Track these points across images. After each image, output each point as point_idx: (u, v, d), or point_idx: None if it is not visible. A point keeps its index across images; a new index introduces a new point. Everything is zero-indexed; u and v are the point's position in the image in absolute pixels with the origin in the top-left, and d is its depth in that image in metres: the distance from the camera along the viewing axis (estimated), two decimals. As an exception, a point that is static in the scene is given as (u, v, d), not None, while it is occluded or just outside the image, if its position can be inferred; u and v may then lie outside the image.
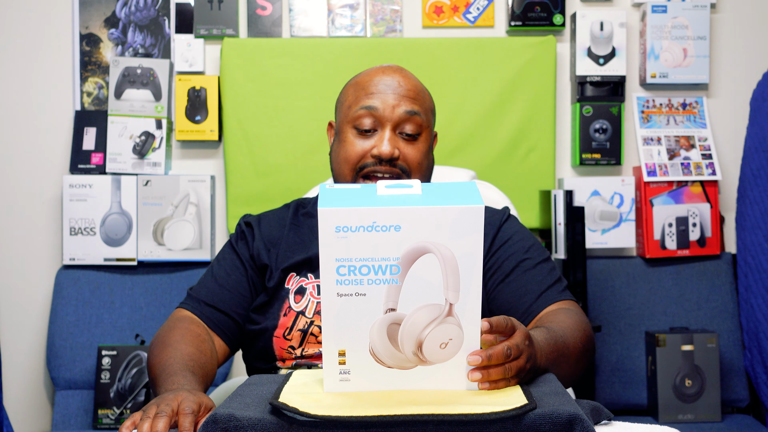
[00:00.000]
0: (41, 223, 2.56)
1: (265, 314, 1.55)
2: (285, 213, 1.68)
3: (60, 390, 2.45)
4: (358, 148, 1.58)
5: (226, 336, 1.56)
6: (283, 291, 1.56)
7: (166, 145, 2.52)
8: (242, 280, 1.59)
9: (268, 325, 1.53)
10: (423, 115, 1.59)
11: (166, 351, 1.41)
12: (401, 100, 1.57)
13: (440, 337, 1.06)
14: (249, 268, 1.60)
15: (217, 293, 1.57)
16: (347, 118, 1.60)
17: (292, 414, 1.00)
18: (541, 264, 1.55)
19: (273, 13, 2.57)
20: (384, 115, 1.57)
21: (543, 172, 2.55)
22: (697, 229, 2.55)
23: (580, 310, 1.50)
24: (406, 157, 1.58)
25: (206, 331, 1.53)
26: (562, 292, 1.51)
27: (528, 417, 0.99)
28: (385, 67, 1.64)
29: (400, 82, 1.59)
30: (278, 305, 1.55)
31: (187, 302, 1.58)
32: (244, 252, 1.62)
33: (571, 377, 1.35)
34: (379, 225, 1.03)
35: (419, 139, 1.59)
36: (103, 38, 2.56)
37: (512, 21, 2.56)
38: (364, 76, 1.63)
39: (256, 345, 1.55)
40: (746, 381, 2.50)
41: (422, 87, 1.63)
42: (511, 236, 1.59)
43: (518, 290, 1.51)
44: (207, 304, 1.56)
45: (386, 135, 1.56)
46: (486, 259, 1.56)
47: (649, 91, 2.63)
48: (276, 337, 1.52)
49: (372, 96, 1.58)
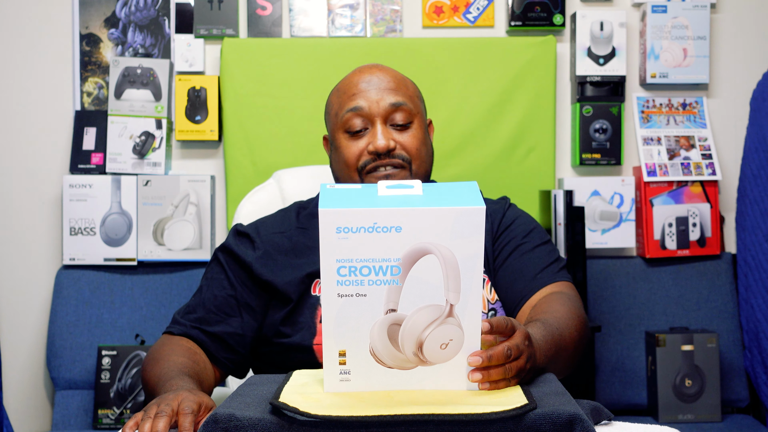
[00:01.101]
0: (41, 223, 2.56)
1: (296, 325, 1.51)
2: (286, 217, 1.65)
3: (60, 390, 2.45)
4: (354, 150, 1.58)
5: (217, 360, 1.52)
6: (311, 298, 1.52)
7: (166, 145, 2.52)
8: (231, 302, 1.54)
9: (305, 335, 1.49)
10: (409, 103, 1.60)
11: (159, 364, 1.39)
12: (383, 93, 1.58)
13: (441, 337, 1.06)
14: (239, 284, 1.55)
15: (204, 318, 1.52)
16: (337, 125, 1.61)
17: (292, 414, 1.00)
18: (540, 247, 1.56)
19: (273, 13, 2.57)
20: (371, 112, 1.57)
21: (543, 172, 2.55)
22: (697, 229, 2.55)
23: (574, 291, 1.51)
24: (403, 146, 1.58)
25: (198, 348, 1.50)
26: (557, 273, 1.53)
27: (528, 417, 0.99)
28: (362, 67, 1.65)
29: (380, 77, 1.60)
30: (310, 313, 1.51)
31: (173, 327, 1.53)
32: (234, 267, 1.57)
33: (568, 368, 1.36)
34: (379, 226, 1.03)
35: (412, 126, 1.60)
36: (103, 38, 2.56)
37: (512, 21, 2.56)
38: (344, 81, 1.64)
39: (295, 357, 1.49)
40: (746, 381, 2.50)
41: (402, 77, 1.64)
42: (513, 221, 1.61)
43: (514, 273, 1.53)
44: (195, 328, 1.51)
45: (378, 129, 1.57)
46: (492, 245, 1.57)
47: (649, 91, 2.63)
48: (317, 345, 1.48)
49: (355, 97, 1.59)
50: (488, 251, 1.57)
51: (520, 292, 1.50)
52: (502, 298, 1.54)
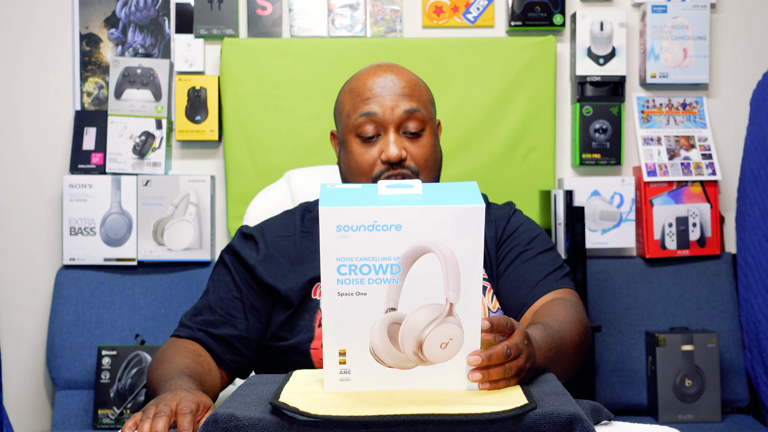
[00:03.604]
0: (41, 223, 2.56)
1: (295, 328, 1.51)
2: (291, 220, 1.64)
3: (60, 390, 2.45)
4: (367, 157, 1.56)
5: (223, 362, 1.52)
6: (311, 302, 1.52)
7: (166, 145, 2.52)
8: (237, 304, 1.54)
9: (303, 338, 1.49)
10: (423, 110, 1.57)
11: (163, 365, 1.40)
12: (398, 100, 1.56)
13: (440, 336, 1.06)
14: (245, 287, 1.55)
15: (210, 321, 1.52)
16: (348, 128, 1.58)
17: (292, 414, 1.00)
18: (543, 254, 1.55)
19: (273, 13, 2.57)
20: (384, 119, 1.55)
21: (543, 172, 2.55)
22: (697, 229, 2.55)
23: (576, 299, 1.50)
24: (413, 156, 1.56)
25: (204, 351, 1.50)
26: (559, 280, 1.52)
27: (528, 417, 0.99)
28: (376, 67, 1.61)
29: (394, 81, 1.57)
30: (309, 317, 1.51)
31: (181, 330, 1.53)
32: (240, 269, 1.57)
33: (569, 371, 1.35)
34: (380, 224, 1.03)
35: (423, 134, 1.58)
36: (103, 38, 2.56)
37: (512, 21, 2.56)
38: (357, 80, 1.61)
39: (290, 360, 1.50)
40: (746, 381, 2.50)
41: (416, 80, 1.61)
42: (518, 227, 1.60)
43: (517, 280, 1.52)
44: (201, 330, 1.52)
45: (390, 138, 1.55)
46: (495, 252, 1.57)
47: (649, 91, 2.63)
48: (314, 349, 1.48)
49: (368, 101, 1.56)
50: (491, 257, 1.56)
51: (522, 298, 1.50)
52: (504, 304, 1.53)
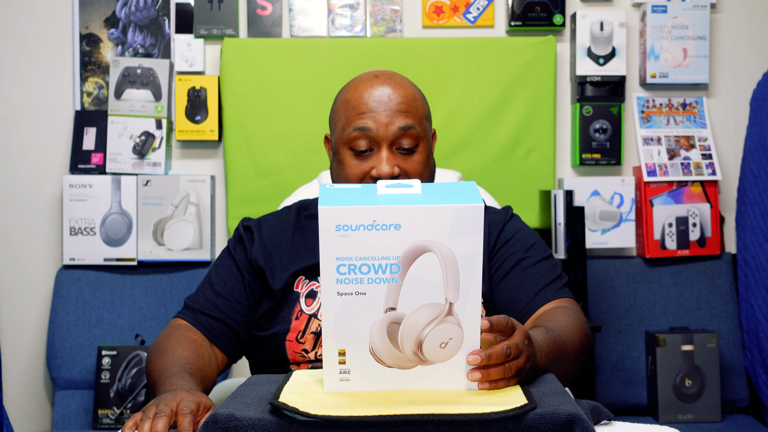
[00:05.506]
0: (41, 223, 2.56)
1: (275, 319, 1.54)
2: (287, 216, 1.66)
3: (60, 390, 2.45)
4: (358, 171, 1.54)
5: (225, 346, 1.54)
6: (293, 295, 1.54)
7: (166, 145, 2.52)
8: (239, 288, 1.57)
9: (279, 330, 1.51)
10: (418, 126, 1.54)
11: (164, 356, 1.40)
12: (393, 116, 1.52)
13: (440, 336, 1.06)
14: (246, 274, 1.58)
15: (214, 302, 1.55)
16: (342, 140, 1.56)
17: (292, 414, 1.00)
18: (541, 262, 1.54)
19: (273, 13, 2.57)
20: (378, 135, 1.52)
21: (543, 172, 2.55)
22: (697, 229, 2.55)
23: (578, 308, 1.49)
24: (406, 173, 1.54)
25: (204, 339, 1.52)
26: (559, 290, 1.51)
27: (528, 417, 0.99)
28: (374, 77, 1.57)
29: (390, 96, 1.54)
30: (289, 309, 1.53)
31: (184, 312, 1.56)
32: (242, 258, 1.59)
33: (569, 376, 1.35)
34: (379, 224, 1.03)
35: (417, 150, 1.55)
36: (103, 38, 2.56)
37: (512, 21, 2.56)
38: (354, 91, 1.57)
39: (266, 350, 1.53)
40: (746, 381, 2.50)
41: (414, 93, 1.57)
42: (514, 235, 1.58)
43: (516, 288, 1.51)
44: (204, 314, 1.54)
45: (383, 155, 1.52)
46: (489, 258, 1.56)
47: (649, 91, 2.63)
48: (288, 341, 1.50)
49: (363, 116, 1.53)
50: (485, 267, 1.54)
51: (522, 308, 1.49)
52: (504, 312, 1.51)
